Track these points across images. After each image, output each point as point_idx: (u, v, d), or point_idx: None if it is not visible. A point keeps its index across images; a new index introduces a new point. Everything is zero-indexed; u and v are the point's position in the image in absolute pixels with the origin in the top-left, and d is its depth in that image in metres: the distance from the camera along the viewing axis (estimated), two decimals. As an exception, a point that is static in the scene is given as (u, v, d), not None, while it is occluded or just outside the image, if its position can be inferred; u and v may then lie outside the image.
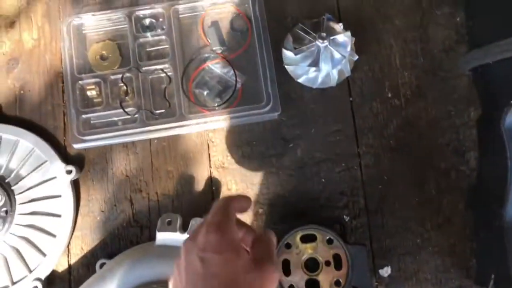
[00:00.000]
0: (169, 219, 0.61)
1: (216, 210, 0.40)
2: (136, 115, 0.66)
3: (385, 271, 0.62)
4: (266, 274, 0.38)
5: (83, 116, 0.67)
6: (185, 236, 0.60)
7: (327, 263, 0.56)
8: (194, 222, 0.61)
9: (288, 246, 0.58)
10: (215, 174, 0.67)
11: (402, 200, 0.64)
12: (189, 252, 0.38)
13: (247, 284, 0.36)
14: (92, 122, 0.68)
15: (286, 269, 0.57)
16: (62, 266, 0.65)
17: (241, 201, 0.43)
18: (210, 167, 0.67)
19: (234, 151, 0.67)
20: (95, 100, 0.69)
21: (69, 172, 0.65)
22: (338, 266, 0.56)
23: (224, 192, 0.66)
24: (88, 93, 0.68)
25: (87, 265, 0.65)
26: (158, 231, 0.60)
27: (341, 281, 0.55)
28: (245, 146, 0.67)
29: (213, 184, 0.67)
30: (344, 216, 0.64)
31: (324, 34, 0.62)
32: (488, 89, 0.59)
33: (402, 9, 0.68)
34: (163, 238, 0.60)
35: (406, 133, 0.66)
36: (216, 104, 0.67)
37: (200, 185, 0.67)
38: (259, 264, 0.38)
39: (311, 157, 0.66)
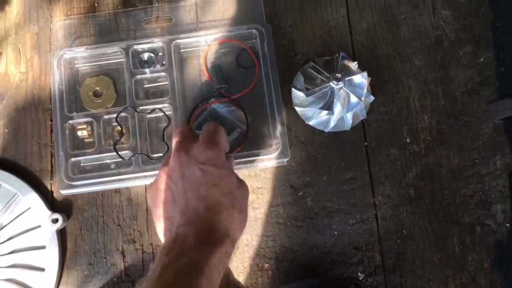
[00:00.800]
0: (165, 278, 0.56)
1: (210, 132, 0.47)
2: (131, 159, 0.63)
3: None
4: (246, 191, 0.46)
5: (73, 159, 0.63)
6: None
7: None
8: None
9: (299, 311, 0.53)
10: (217, 224, 0.63)
11: (423, 256, 0.60)
12: (187, 164, 0.44)
13: (238, 196, 0.44)
14: (82, 165, 0.64)
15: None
16: (44, 327, 0.60)
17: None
18: (211, 216, 0.63)
19: (238, 199, 0.63)
20: (86, 141, 0.65)
21: (55, 221, 0.61)
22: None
23: (227, 245, 0.62)
24: (79, 133, 0.64)
25: (73, 325, 0.60)
26: None
27: None
28: (250, 193, 0.63)
29: (214, 236, 0.62)
30: (359, 274, 0.60)
31: (339, 75, 0.59)
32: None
33: (422, 48, 0.66)
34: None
35: (426, 183, 0.62)
36: (219, 148, 0.63)
37: (200, 236, 0.62)
38: (242, 182, 0.46)
39: (322, 207, 0.63)
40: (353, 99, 0.61)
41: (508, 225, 0.60)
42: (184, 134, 0.47)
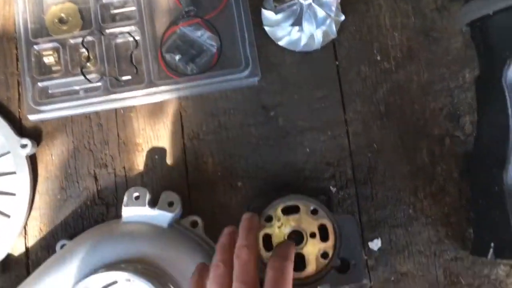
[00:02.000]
0: (136, 194, 0.59)
1: (276, 284, 0.41)
2: (99, 83, 0.65)
3: (375, 244, 0.62)
4: None
5: (40, 84, 0.65)
6: (156, 211, 0.58)
7: (312, 235, 0.55)
8: (165, 195, 0.59)
9: (269, 219, 0.56)
10: (189, 146, 0.65)
11: (393, 169, 0.64)
12: None
13: None
14: (50, 91, 0.66)
15: (268, 244, 0.56)
16: (18, 249, 0.63)
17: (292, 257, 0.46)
18: (183, 138, 0.66)
19: (210, 120, 0.66)
20: (53, 68, 0.66)
21: (24, 146, 0.63)
22: (324, 238, 0.55)
23: (199, 165, 0.65)
24: (45, 59, 0.66)
25: (47, 247, 0.63)
26: (125, 206, 0.59)
27: (328, 253, 0.54)
28: (221, 115, 0.66)
29: (186, 157, 0.65)
30: (331, 187, 0.63)
31: (306, -11, 0.61)
32: (488, 44, 0.58)
33: (391, -35, 0.68)
34: (130, 214, 0.59)
35: (397, 98, 0.66)
36: (189, 70, 0.66)
37: (172, 158, 0.65)
38: None
39: (294, 125, 0.65)
40: (322, 14, 0.63)
41: (474, 134, 0.63)
42: (249, 278, 0.42)
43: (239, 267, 0.44)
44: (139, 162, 0.65)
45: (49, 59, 0.66)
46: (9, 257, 0.62)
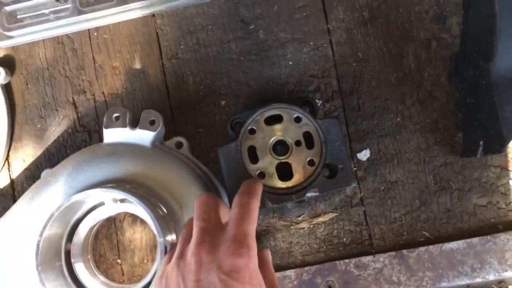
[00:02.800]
0: (116, 114, 0.57)
1: (242, 218, 0.38)
2: (69, 4, 0.61)
3: (364, 155, 0.60)
4: None
5: (7, 8, 0.61)
6: (137, 131, 0.56)
7: (298, 143, 0.54)
8: (146, 114, 0.57)
9: (252, 131, 0.55)
10: (168, 66, 0.63)
11: (379, 77, 0.61)
12: (206, 268, 0.36)
13: None
14: (18, 16, 0.62)
15: (253, 156, 0.54)
16: (3, 181, 0.62)
17: (257, 195, 0.42)
18: (162, 58, 0.63)
19: (188, 38, 0.63)
20: (20, -9, 0.62)
21: (-3, 74, 0.60)
22: (310, 145, 0.54)
23: (180, 85, 0.62)
24: (10, -18, 0.62)
25: (32, 178, 0.62)
26: (105, 127, 0.57)
27: (314, 160, 0.53)
28: (199, 31, 0.63)
29: (166, 78, 0.62)
30: (316, 101, 0.61)
31: None
32: None
33: None
34: (111, 135, 0.57)
35: (381, 2, 0.62)
36: (161, -16, 0.62)
37: (151, 79, 0.63)
38: None
39: (275, 38, 0.62)
40: None
41: (461, 29, 0.60)
42: (209, 216, 0.40)
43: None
44: (118, 86, 0.63)
45: (14, -18, 0.62)
46: (-6, 189, 0.61)
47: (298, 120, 0.54)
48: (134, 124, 0.58)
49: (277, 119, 0.55)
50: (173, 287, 0.37)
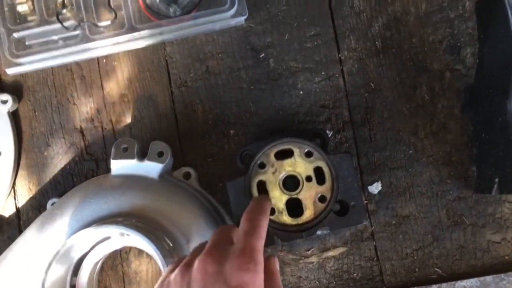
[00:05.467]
0: (125, 145, 0.54)
1: (249, 233, 0.38)
2: (78, 30, 0.59)
3: (375, 188, 0.58)
4: None
5: (15, 35, 0.59)
6: (145, 163, 0.54)
7: (308, 179, 0.51)
8: (154, 146, 0.55)
9: (262, 165, 0.52)
10: (177, 94, 0.60)
11: (391, 108, 0.59)
12: (212, 280, 0.35)
13: None
14: (27, 43, 0.60)
15: (263, 191, 0.52)
16: (9, 210, 0.59)
17: (266, 212, 0.42)
18: (171, 86, 0.60)
19: (197, 66, 0.60)
20: (28, 17, 0.60)
21: (4, 102, 0.59)
22: (321, 181, 0.51)
23: (189, 114, 0.60)
24: (19, 8, 0.60)
25: (38, 207, 0.59)
26: (113, 159, 0.54)
27: (326, 196, 0.50)
28: (209, 59, 0.60)
29: (175, 106, 0.60)
30: (327, 131, 0.59)
31: None
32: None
33: None
34: (119, 166, 0.54)
35: (393, 32, 0.60)
36: (171, 11, 0.60)
37: (160, 108, 0.60)
38: None
39: (286, 67, 0.60)
40: None
41: (476, 66, 0.58)
42: (223, 234, 0.40)
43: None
44: (127, 114, 0.60)
45: (23, 8, 0.60)
46: (0, 218, 0.59)
47: (309, 154, 0.51)
48: (142, 155, 0.56)
49: (287, 153, 0.52)
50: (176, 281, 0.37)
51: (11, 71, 0.59)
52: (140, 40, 0.59)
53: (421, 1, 0.60)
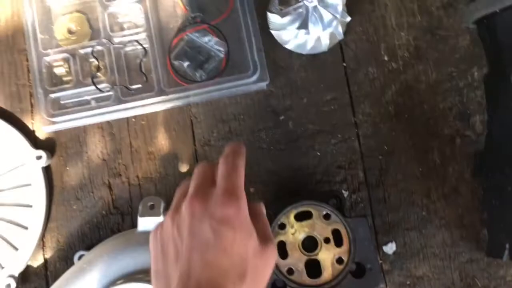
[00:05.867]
0: (151, 203, 0.57)
1: (229, 174, 0.39)
2: (110, 92, 0.63)
3: (390, 248, 0.60)
4: (270, 258, 0.38)
5: (52, 95, 0.63)
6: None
7: (326, 240, 0.53)
8: (179, 204, 0.57)
9: (282, 226, 0.55)
10: (201, 152, 0.64)
11: (405, 171, 0.62)
12: (198, 218, 0.37)
13: (253, 266, 0.37)
14: (62, 102, 0.64)
15: (283, 252, 0.54)
16: (37, 261, 0.62)
17: (242, 154, 0.41)
18: (195, 145, 0.64)
19: (220, 126, 0.64)
20: (64, 78, 0.65)
21: (39, 157, 0.62)
22: (338, 243, 0.53)
23: (211, 171, 0.63)
24: (56, 70, 0.64)
25: (65, 258, 0.62)
26: (140, 216, 0.57)
27: (343, 258, 0.53)
28: (231, 120, 0.64)
29: (198, 164, 0.63)
30: (343, 191, 0.61)
31: (312, -8, 0.59)
32: (496, 41, 0.56)
33: (396, -35, 0.65)
34: (145, 223, 0.57)
35: (406, 99, 0.63)
36: (198, 76, 0.64)
37: (185, 165, 0.63)
38: (264, 247, 0.38)
39: (304, 129, 0.63)
40: (328, 16, 0.61)
41: (485, 133, 0.61)
42: (205, 175, 0.41)
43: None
44: (152, 170, 0.64)
45: (60, 70, 0.64)
46: (28, 268, 0.61)
47: (327, 217, 0.54)
48: (167, 211, 0.58)
49: (307, 214, 0.55)
50: (167, 238, 0.38)
51: (47, 129, 0.63)
52: (168, 102, 0.63)
53: (431, 70, 0.64)
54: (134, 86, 0.63)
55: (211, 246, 0.36)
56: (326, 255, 0.53)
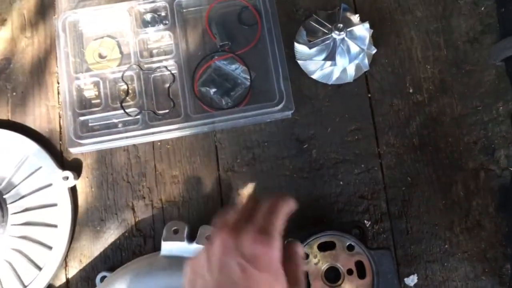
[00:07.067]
0: (175, 228, 0.58)
1: (267, 213, 0.39)
2: (138, 116, 0.65)
3: (411, 280, 0.60)
4: None
5: (81, 118, 0.65)
6: (194, 246, 0.58)
7: (349, 272, 0.54)
8: (203, 230, 0.59)
9: (305, 256, 0.55)
10: (224, 178, 0.65)
11: (428, 203, 0.62)
12: (229, 253, 0.37)
13: None
14: (90, 124, 0.66)
15: (305, 282, 0.54)
16: (59, 281, 0.63)
17: (289, 205, 0.42)
18: (219, 170, 0.65)
19: (244, 153, 0.65)
20: (93, 101, 0.67)
21: (65, 178, 0.63)
22: (361, 275, 0.54)
23: (234, 197, 0.64)
24: (86, 93, 0.66)
25: (87, 279, 0.63)
26: (164, 240, 0.58)
27: (366, 291, 0.53)
28: (256, 147, 0.65)
29: (222, 189, 0.65)
30: (365, 221, 0.62)
31: (340, 25, 0.61)
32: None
33: (423, -1, 0.67)
34: (169, 248, 0.58)
35: (430, 131, 0.64)
36: (224, 103, 0.65)
37: (208, 190, 0.65)
38: None
39: (327, 158, 0.64)
40: (355, 49, 0.62)
41: (511, 169, 0.61)
42: (245, 209, 0.41)
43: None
44: (176, 194, 0.65)
45: (89, 93, 0.66)
46: (50, 287, 0.62)
47: (351, 248, 0.55)
48: (190, 236, 0.59)
49: (330, 245, 0.55)
50: (199, 270, 0.39)
51: (74, 150, 0.65)
52: (193, 127, 0.65)
53: (456, 103, 0.64)
54: (161, 112, 0.65)
55: (236, 284, 0.36)
56: (349, 287, 0.53)
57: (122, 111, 0.65)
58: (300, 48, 0.65)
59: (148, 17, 0.68)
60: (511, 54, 0.56)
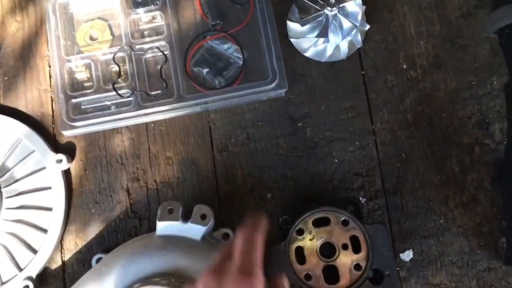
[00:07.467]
0: (170, 207, 0.58)
1: (246, 250, 0.39)
2: (130, 98, 0.64)
3: (407, 255, 0.60)
4: None
5: (73, 100, 0.65)
6: (188, 225, 0.58)
7: (344, 247, 0.54)
8: (198, 209, 0.59)
9: (300, 232, 0.55)
10: (218, 158, 0.65)
11: (422, 178, 0.62)
12: None
13: None
14: (82, 107, 0.66)
15: (300, 257, 0.55)
16: (55, 263, 0.63)
17: (263, 227, 0.41)
18: (213, 151, 0.65)
19: (238, 132, 0.65)
20: (85, 84, 0.67)
21: (59, 161, 0.63)
22: (356, 249, 0.54)
23: (229, 177, 0.64)
24: (78, 76, 0.66)
25: (83, 261, 0.63)
26: (159, 220, 0.58)
27: (361, 264, 0.53)
28: (250, 127, 0.65)
29: (216, 169, 0.65)
30: (360, 198, 0.62)
31: (332, 1, 0.60)
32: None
33: (415, -26, 0.67)
34: (164, 227, 0.58)
35: (424, 107, 0.64)
36: (216, 83, 0.65)
37: (202, 171, 0.65)
38: None
39: (321, 136, 0.64)
40: (347, 25, 0.62)
41: (505, 142, 0.61)
42: (228, 249, 0.41)
43: None
44: (170, 175, 0.65)
45: (81, 76, 0.66)
46: (46, 270, 0.63)
47: (345, 223, 0.55)
48: (185, 216, 0.59)
49: (324, 221, 0.55)
50: None
51: (67, 133, 0.65)
52: (187, 108, 0.64)
53: (450, 78, 0.64)
54: (153, 92, 0.65)
55: None
56: (344, 261, 0.54)
57: (114, 93, 0.64)
58: (293, 26, 0.65)
59: (138, -3, 0.68)
60: (504, 25, 0.56)
